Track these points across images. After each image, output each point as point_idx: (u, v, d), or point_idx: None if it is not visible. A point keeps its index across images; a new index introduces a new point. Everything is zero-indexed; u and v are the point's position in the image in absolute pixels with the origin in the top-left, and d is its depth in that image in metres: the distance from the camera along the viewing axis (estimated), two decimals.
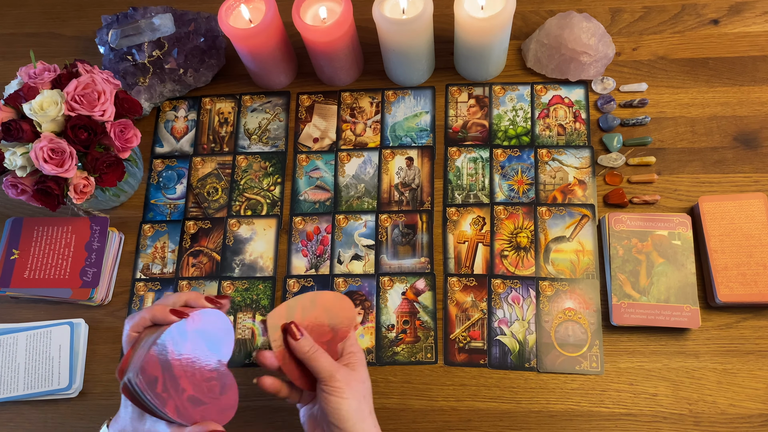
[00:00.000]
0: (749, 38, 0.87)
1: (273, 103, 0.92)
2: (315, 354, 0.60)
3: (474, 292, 0.79)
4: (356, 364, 0.62)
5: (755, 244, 0.74)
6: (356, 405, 0.59)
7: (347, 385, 0.59)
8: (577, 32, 0.83)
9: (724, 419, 0.71)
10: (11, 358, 0.80)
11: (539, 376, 0.75)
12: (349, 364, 0.62)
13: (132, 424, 0.57)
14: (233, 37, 0.83)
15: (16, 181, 0.76)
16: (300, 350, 0.60)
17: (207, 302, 0.59)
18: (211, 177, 0.89)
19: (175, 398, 0.54)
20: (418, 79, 0.90)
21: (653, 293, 0.74)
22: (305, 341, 0.60)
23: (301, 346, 0.60)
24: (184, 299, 0.59)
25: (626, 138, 0.84)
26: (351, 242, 0.83)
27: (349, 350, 0.64)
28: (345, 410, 0.58)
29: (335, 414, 0.58)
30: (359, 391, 0.60)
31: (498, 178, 0.84)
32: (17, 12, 1.05)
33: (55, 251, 0.83)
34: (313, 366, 0.60)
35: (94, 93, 0.75)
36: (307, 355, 0.60)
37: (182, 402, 0.54)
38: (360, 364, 0.62)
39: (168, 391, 0.54)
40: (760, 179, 0.80)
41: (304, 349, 0.60)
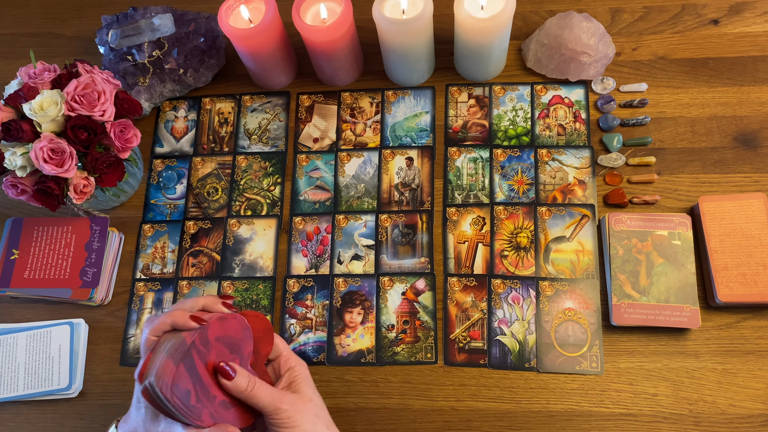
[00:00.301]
0: (749, 38, 0.87)
1: (273, 103, 0.92)
2: (254, 390, 0.55)
3: (474, 292, 0.79)
4: (299, 384, 0.59)
5: (755, 244, 0.74)
6: (310, 428, 0.56)
7: (296, 412, 0.56)
8: (577, 32, 0.83)
9: (724, 419, 0.71)
10: (11, 358, 0.80)
11: (539, 376, 0.75)
12: (292, 384, 0.59)
13: (145, 425, 0.56)
14: (233, 37, 0.83)
15: (16, 181, 0.76)
16: (238, 390, 0.55)
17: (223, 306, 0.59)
18: (211, 177, 0.89)
19: (209, 406, 0.54)
20: (418, 79, 0.90)
21: (653, 293, 0.74)
22: (241, 377, 0.55)
23: (238, 385, 0.55)
24: (201, 303, 0.58)
25: (626, 138, 0.84)
26: (351, 242, 0.83)
27: (287, 367, 0.60)
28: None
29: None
30: (310, 412, 0.57)
31: (498, 178, 0.84)
32: (17, 12, 1.05)
33: (55, 251, 0.83)
34: (255, 403, 0.55)
35: (94, 93, 0.75)
36: (246, 392, 0.55)
37: (215, 408, 0.55)
38: (303, 382, 0.59)
39: (201, 401, 0.54)
40: (760, 179, 0.80)
41: (241, 387, 0.55)
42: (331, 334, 0.79)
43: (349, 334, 0.79)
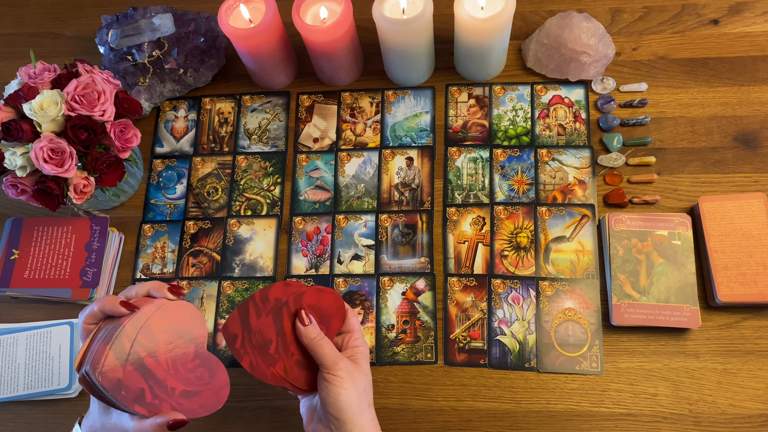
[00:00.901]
0: (749, 38, 0.87)
1: (273, 103, 0.92)
2: (321, 341, 0.59)
3: (474, 292, 0.79)
4: (359, 358, 0.61)
5: (755, 244, 0.74)
6: (356, 396, 0.58)
7: (349, 376, 0.58)
8: (577, 32, 0.83)
9: (724, 419, 0.71)
10: (11, 358, 0.80)
11: (539, 376, 0.75)
12: (352, 357, 0.61)
13: (100, 417, 0.57)
14: (233, 37, 0.83)
15: (16, 181, 0.76)
16: (307, 336, 0.59)
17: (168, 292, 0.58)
18: (211, 177, 0.89)
19: (169, 400, 0.54)
20: (418, 79, 0.90)
21: (653, 293, 0.74)
22: (313, 327, 0.59)
23: (308, 332, 0.59)
24: (147, 289, 0.58)
25: (626, 138, 0.84)
26: (351, 242, 0.83)
27: (353, 344, 0.63)
28: (344, 401, 0.57)
29: (334, 404, 0.57)
30: (360, 383, 0.59)
31: (498, 178, 0.84)
32: (17, 12, 1.05)
33: (55, 251, 0.83)
34: (318, 353, 0.59)
35: (94, 93, 0.75)
36: (314, 341, 0.59)
37: (176, 400, 0.55)
38: (363, 359, 0.62)
39: (158, 397, 0.54)
40: (760, 179, 0.80)
41: (311, 335, 0.59)
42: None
43: None
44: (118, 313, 0.55)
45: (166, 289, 0.58)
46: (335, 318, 0.62)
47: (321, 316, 0.61)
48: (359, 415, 0.58)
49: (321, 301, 0.61)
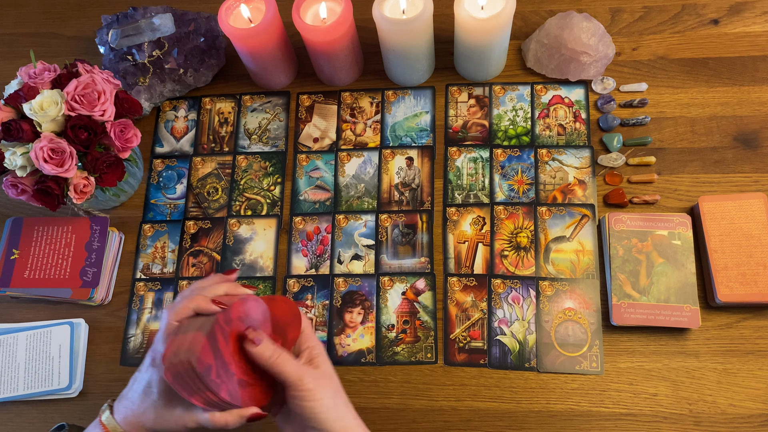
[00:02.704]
0: (749, 38, 0.87)
1: (273, 103, 0.92)
2: (279, 359, 0.55)
3: (474, 292, 0.79)
4: (318, 361, 0.59)
5: (755, 244, 0.74)
6: (331, 403, 0.57)
7: (318, 386, 0.56)
8: (577, 32, 0.83)
9: (724, 419, 0.71)
10: (11, 358, 0.80)
11: (539, 376, 0.75)
12: (312, 361, 0.59)
13: (156, 410, 0.57)
14: (233, 37, 0.83)
15: (16, 181, 0.76)
16: (262, 357, 0.55)
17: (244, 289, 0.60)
18: (211, 177, 0.89)
19: (227, 383, 0.55)
20: (418, 79, 0.90)
21: (653, 293, 0.74)
22: (266, 346, 0.55)
23: (262, 353, 0.55)
24: (223, 290, 0.59)
25: (626, 138, 0.84)
26: (351, 242, 0.83)
27: (306, 345, 0.60)
28: (320, 412, 0.56)
29: (312, 418, 0.55)
30: (331, 388, 0.58)
31: (498, 178, 0.84)
32: (17, 12, 1.05)
33: (55, 251, 0.83)
34: (278, 372, 0.56)
35: (94, 93, 0.75)
36: (270, 361, 0.55)
37: (233, 386, 0.55)
38: (322, 360, 0.60)
39: (221, 377, 0.54)
40: (760, 179, 0.80)
41: (266, 355, 0.55)
42: (331, 334, 0.79)
43: (349, 334, 0.79)
44: (211, 311, 0.56)
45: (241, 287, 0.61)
46: (291, 326, 0.60)
47: (275, 326, 0.58)
48: (339, 420, 0.57)
49: (273, 309, 0.58)
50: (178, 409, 0.56)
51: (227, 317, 0.56)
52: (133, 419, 0.58)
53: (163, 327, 0.57)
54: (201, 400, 0.54)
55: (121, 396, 0.60)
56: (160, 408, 0.57)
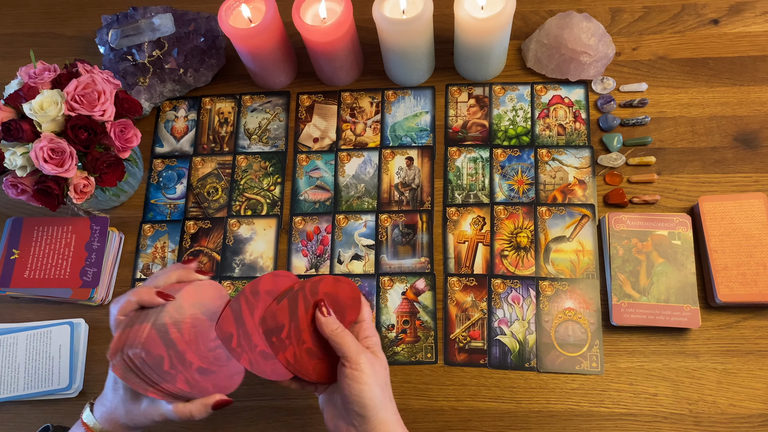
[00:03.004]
0: (749, 38, 0.87)
1: (273, 103, 0.92)
2: (342, 332, 0.58)
3: (474, 292, 0.79)
4: (375, 349, 0.60)
5: (755, 244, 0.74)
6: (379, 391, 0.56)
7: (371, 369, 0.56)
8: (577, 32, 0.83)
9: (724, 419, 0.71)
10: (11, 358, 0.80)
11: (539, 376, 0.75)
12: (369, 348, 0.60)
13: (125, 405, 0.57)
14: (233, 37, 0.83)
15: (16, 181, 0.76)
16: (329, 326, 0.58)
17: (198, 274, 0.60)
18: (211, 177, 0.89)
19: (184, 372, 0.55)
20: (418, 79, 0.90)
21: (653, 293, 0.74)
22: (334, 319, 0.58)
23: (330, 324, 0.58)
24: (175, 277, 0.59)
25: (626, 138, 0.84)
26: (351, 242, 0.83)
27: (365, 335, 0.61)
28: (368, 397, 0.55)
29: (358, 401, 0.55)
30: (382, 377, 0.58)
31: (498, 178, 0.84)
32: (17, 12, 1.05)
33: (55, 251, 0.83)
34: (340, 344, 0.57)
35: (94, 93, 0.75)
36: (336, 332, 0.58)
37: (192, 374, 0.56)
38: (379, 349, 0.60)
39: (176, 367, 0.55)
40: (760, 179, 0.80)
41: (332, 326, 0.58)
42: None
43: None
44: (155, 303, 0.56)
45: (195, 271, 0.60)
46: (350, 309, 0.61)
47: (336, 306, 0.60)
48: (383, 410, 0.56)
49: (337, 291, 0.61)
50: (144, 403, 0.57)
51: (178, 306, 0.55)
52: (108, 416, 0.58)
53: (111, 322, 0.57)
54: (158, 392, 0.54)
55: (101, 395, 0.60)
56: (128, 403, 0.57)
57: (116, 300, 0.57)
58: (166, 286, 0.58)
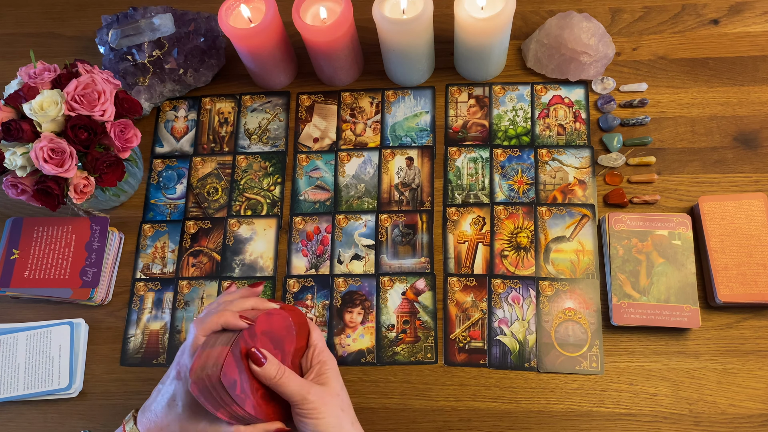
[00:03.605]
0: (749, 38, 0.87)
1: (273, 103, 0.92)
2: (282, 378, 0.56)
3: (474, 292, 0.79)
4: (328, 377, 0.59)
5: (755, 244, 0.74)
6: (335, 422, 0.57)
7: (322, 404, 0.56)
8: (577, 32, 0.83)
9: (724, 419, 0.71)
10: (11, 358, 0.80)
11: (539, 376, 0.75)
12: (321, 377, 0.59)
13: (180, 423, 0.57)
14: (233, 37, 0.83)
15: (16, 181, 0.76)
16: (267, 377, 0.56)
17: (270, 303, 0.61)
18: (211, 177, 0.89)
19: (252, 397, 0.56)
20: (418, 79, 0.90)
21: (653, 293, 0.74)
22: (270, 365, 0.56)
23: (267, 372, 0.56)
24: (251, 304, 0.60)
25: (626, 138, 0.84)
26: (351, 242, 0.83)
27: (317, 360, 0.61)
28: (323, 430, 0.56)
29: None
30: (336, 406, 0.58)
31: (498, 178, 0.84)
32: (17, 12, 1.05)
33: (55, 251, 0.83)
34: (283, 391, 0.56)
35: (94, 93, 0.75)
36: (275, 380, 0.56)
37: (257, 400, 0.56)
38: (332, 376, 0.60)
39: (245, 392, 0.55)
40: (760, 179, 0.80)
41: (270, 375, 0.56)
42: (331, 334, 0.79)
43: (349, 334, 0.79)
44: (239, 327, 0.57)
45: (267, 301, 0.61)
46: (287, 339, 0.60)
47: (274, 341, 0.59)
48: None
49: (271, 326, 0.59)
50: (202, 423, 0.56)
51: (252, 332, 0.57)
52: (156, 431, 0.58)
53: (190, 340, 0.58)
54: (226, 414, 0.55)
55: (144, 407, 0.60)
56: (185, 421, 0.57)
57: (198, 320, 0.58)
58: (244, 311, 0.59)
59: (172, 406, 0.57)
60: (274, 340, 0.59)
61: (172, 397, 0.58)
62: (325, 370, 0.60)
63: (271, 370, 0.56)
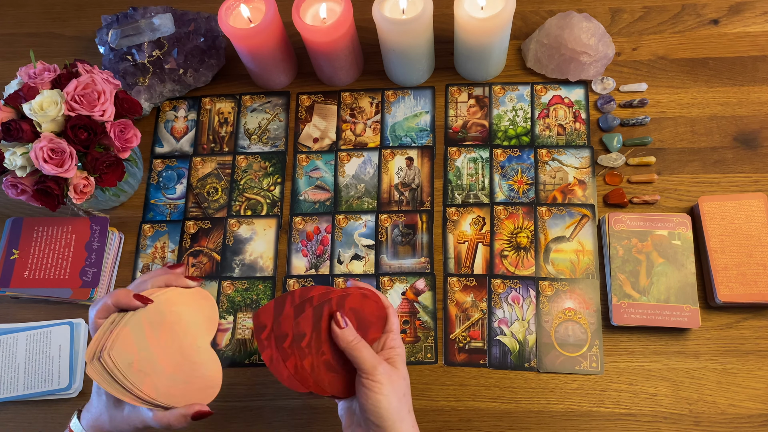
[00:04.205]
0: (749, 38, 0.87)
1: (273, 103, 0.92)
2: (359, 344, 0.57)
3: (474, 292, 0.79)
4: (397, 361, 0.60)
5: (755, 244, 0.74)
6: (396, 403, 0.56)
7: (388, 381, 0.56)
8: (577, 32, 0.83)
9: (724, 419, 0.71)
10: (11, 358, 0.80)
11: (539, 376, 0.75)
12: (390, 359, 0.59)
13: (108, 411, 0.57)
14: (233, 37, 0.83)
15: (16, 181, 0.76)
16: (344, 339, 0.57)
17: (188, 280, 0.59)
18: (211, 177, 0.89)
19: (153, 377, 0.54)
20: (418, 79, 0.90)
21: (653, 293, 0.74)
22: (349, 330, 0.58)
23: (345, 335, 0.57)
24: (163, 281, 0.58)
25: (626, 138, 0.84)
26: (351, 242, 0.83)
27: (390, 345, 0.61)
28: (384, 407, 0.56)
29: (374, 411, 0.56)
30: (400, 388, 0.58)
31: (498, 178, 0.84)
32: (17, 12, 1.05)
33: (55, 251, 0.83)
34: (356, 356, 0.57)
35: (94, 93, 0.75)
36: (351, 344, 0.57)
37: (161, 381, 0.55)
38: (401, 361, 0.60)
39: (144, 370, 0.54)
40: (760, 179, 0.80)
41: (348, 338, 0.57)
42: None
43: None
44: (132, 306, 0.55)
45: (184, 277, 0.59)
46: (373, 327, 0.61)
47: (360, 321, 0.60)
48: (399, 421, 0.56)
49: (363, 307, 0.60)
50: (126, 409, 0.57)
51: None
52: (94, 423, 0.58)
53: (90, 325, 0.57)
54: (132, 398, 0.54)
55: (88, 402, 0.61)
56: (111, 409, 0.57)
57: (94, 303, 0.57)
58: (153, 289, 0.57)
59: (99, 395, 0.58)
60: (359, 320, 0.59)
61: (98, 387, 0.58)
62: (394, 355, 0.60)
63: (350, 333, 0.58)
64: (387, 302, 0.63)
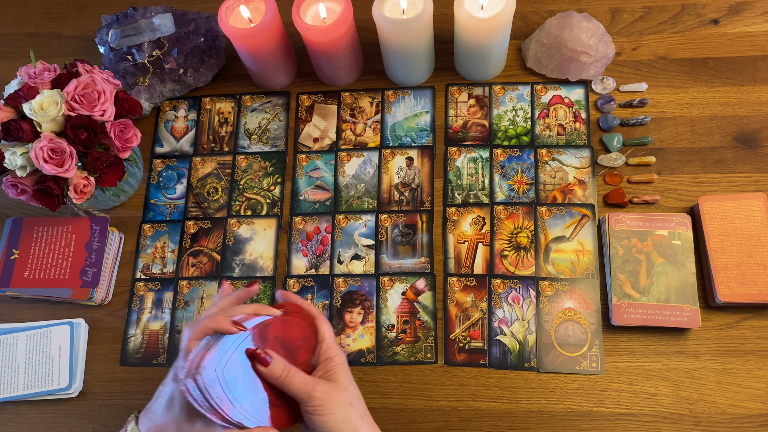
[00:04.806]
0: (749, 38, 0.87)
1: (273, 103, 0.92)
2: (288, 376, 0.56)
3: (474, 292, 0.79)
4: (335, 372, 0.59)
5: (755, 244, 0.74)
6: (343, 417, 0.56)
7: (328, 400, 0.56)
8: (577, 32, 0.83)
9: (724, 419, 0.71)
10: (11, 358, 0.80)
11: (539, 376, 0.75)
12: (328, 373, 0.59)
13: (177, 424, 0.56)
14: (233, 37, 0.83)
15: (16, 181, 0.76)
16: (273, 376, 0.56)
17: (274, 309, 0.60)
18: (211, 177, 0.89)
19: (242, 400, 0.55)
20: (418, 79, 0.90)
21: (653, 293, 0.74)
22: (276, 364, 0.56)
23: (273, 372, 0.56)
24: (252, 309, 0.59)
25: (626, 138, 0.84)
26: (351, 242, 0.83)
27: (325, 356, 0.60)
28: (331, 426, 0.56)
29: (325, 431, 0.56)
30: (343, 401, 0.57)
31: (498, 178, 0.84)
32: (17, 12, 1.05)
33: (55, 251, 0.83)
34: (289, 390, 0.56)
35: (94, 93, 0.75)
36: (281, 379, 0.56)
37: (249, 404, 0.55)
38: (340, 371, 0.59)
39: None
40: (760, 179, 0.80)
41: (276, 374, 0.56)
42: None
43: (349, 334, 0.79)
44: (229, 332, 0.56)
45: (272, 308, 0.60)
46: (301, 349, 0.60)
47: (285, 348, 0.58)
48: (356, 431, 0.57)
49: (286, 332, 0.59)
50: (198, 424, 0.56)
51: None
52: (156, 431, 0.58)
53: (184, 343, 0.57)
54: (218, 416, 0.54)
55: (146, 408, 0.60)
56: (182, 422, 0.56)
57: (192, 323, 0.58)
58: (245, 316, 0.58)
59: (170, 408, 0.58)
60: (285, 347, 0.58)
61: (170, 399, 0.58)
62: (332, 366, 0.60)
63: (276, 369, 0.56)
64: (315, 311, 0.62)
